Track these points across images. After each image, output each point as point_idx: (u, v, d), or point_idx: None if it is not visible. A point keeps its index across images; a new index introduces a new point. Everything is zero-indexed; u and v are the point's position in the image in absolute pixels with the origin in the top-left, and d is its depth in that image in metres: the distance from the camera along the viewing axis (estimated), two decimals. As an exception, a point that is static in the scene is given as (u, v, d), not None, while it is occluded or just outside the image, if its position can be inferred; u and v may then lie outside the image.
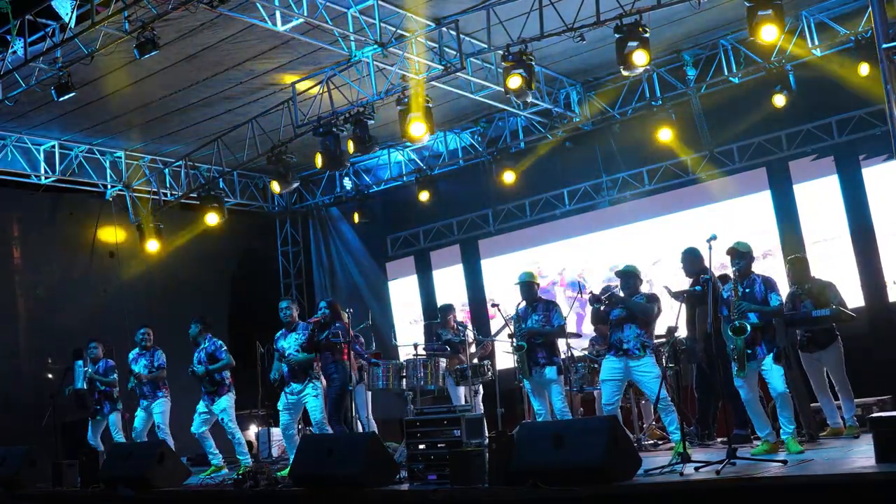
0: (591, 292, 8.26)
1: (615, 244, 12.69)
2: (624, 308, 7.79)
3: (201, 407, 9.84)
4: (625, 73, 9.26)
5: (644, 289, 8.14)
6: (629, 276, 7.92)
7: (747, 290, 7.23)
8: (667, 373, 7.68)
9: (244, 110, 11.85)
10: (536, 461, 6.23)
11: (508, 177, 12.81)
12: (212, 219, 12.37)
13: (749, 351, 7.07)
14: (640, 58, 8.91)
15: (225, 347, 9.88)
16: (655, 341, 8.06)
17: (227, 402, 9.76)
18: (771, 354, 7.11)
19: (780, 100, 10.79)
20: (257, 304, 14.08)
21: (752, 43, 9.09)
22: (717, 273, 9.36)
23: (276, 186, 12.41)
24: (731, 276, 7.48)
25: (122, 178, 13.19)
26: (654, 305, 7.84)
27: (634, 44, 8.85)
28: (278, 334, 9.20)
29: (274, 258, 15.80)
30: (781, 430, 7.12)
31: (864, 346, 9.40)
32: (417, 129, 10.08)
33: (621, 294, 7.93)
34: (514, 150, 13.11)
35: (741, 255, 7.34)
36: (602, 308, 8.02)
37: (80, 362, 10.70)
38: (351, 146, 10.72)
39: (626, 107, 12.07)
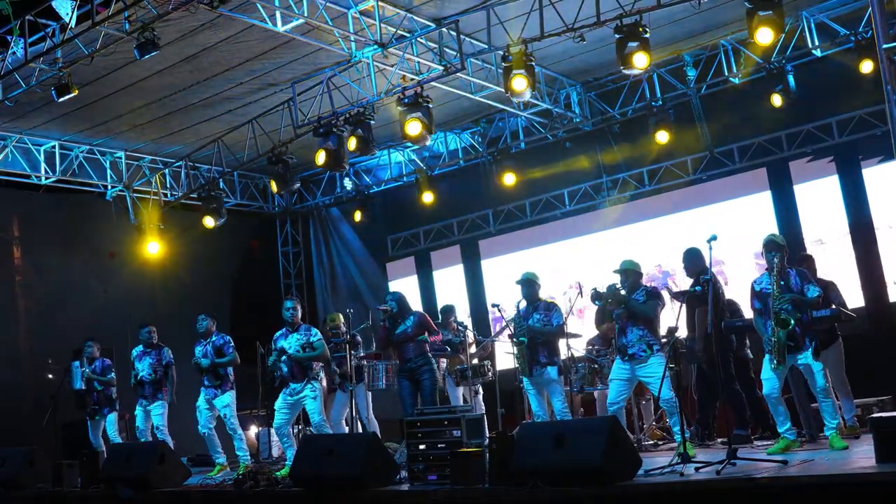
0: (594, 289, 8.19)
1: (616, 245, 12.68)
2: (624, 307, 7.75)
3: (202, 403, 9.72)
4: (625, 72, 9.26)
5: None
6: (628, 273, 7.88)
7: (782, 283, 7.09)
8: (667, 373, 7.65)
9: (244, 110, 11.85)
10: (536, 461, 6.22)
11: (509, 178, 12.81)
12: (209, 221, 12.39)
13: (791, 343, 6.96)
14: (641, 60, 8.91)
15: (233, 344, 9.83)
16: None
17: (230, 398, 9.70)
18: (811, 349, 7.00)
19: (777, 100, 10.79)
20: (257, 305, 14.09)
21: (752, 43, 9.10)
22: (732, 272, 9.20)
23: (274, 186, 12.31)
24: (772, 268, 7.19)
25: (122, 179, 13.19)
26: (655, 303, 7.75)
27: (635, 44, 8.86)
28: (278, 334, 9.12)
29: (274, 258, 15.80)
30: (826, 427, 7.05)
31: (864, 346, 9.36)
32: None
33: (622, 291, 7.86)
34: (514, 150, 13.11)
35: (779, 247, 7.19)
36: (607, 306, 7.97)
37: (77, 363, 10.67)
38: (352, 144, 10.69)
39: (627, 107, 12.07)
